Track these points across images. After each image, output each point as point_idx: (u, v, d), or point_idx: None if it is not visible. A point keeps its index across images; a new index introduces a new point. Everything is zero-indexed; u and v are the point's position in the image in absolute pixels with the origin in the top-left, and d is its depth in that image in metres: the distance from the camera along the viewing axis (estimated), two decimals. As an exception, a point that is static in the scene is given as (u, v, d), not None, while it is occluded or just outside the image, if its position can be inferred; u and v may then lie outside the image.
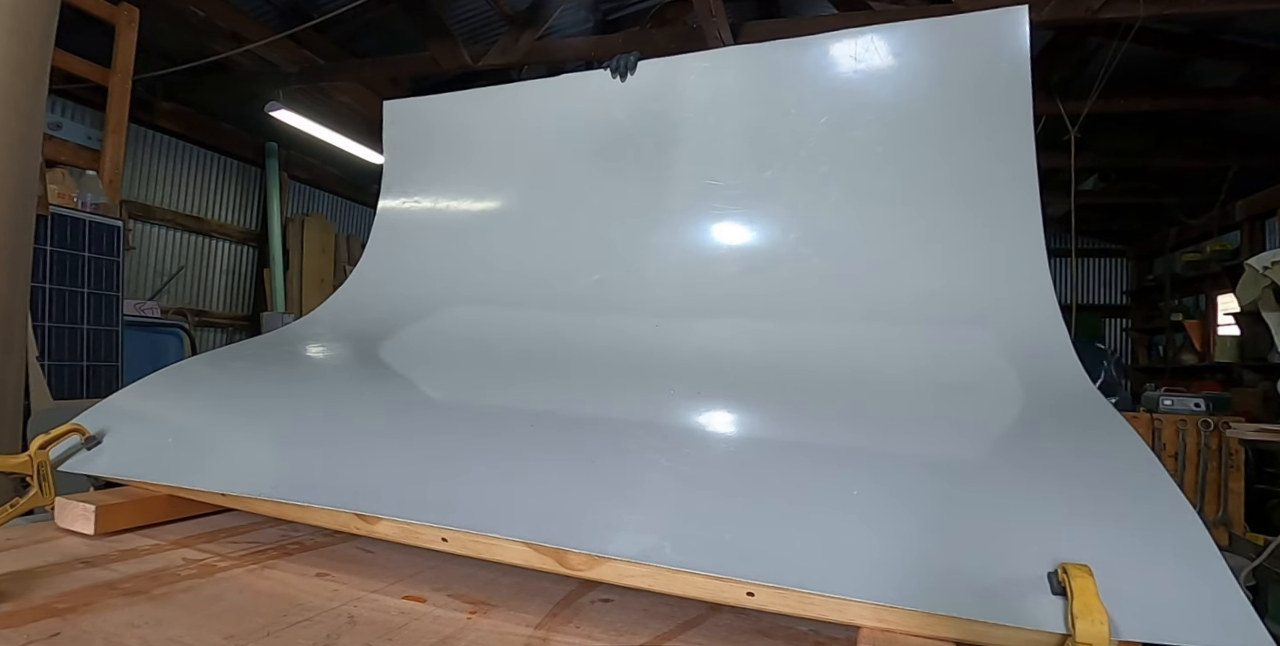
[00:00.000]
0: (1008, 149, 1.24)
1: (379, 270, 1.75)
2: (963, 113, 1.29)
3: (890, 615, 0.68)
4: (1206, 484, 4.04)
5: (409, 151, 1.83)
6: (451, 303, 1.57)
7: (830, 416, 1.02)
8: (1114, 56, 3.88)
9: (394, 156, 1.84)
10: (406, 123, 1.84)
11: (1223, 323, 7.15)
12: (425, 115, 1.83)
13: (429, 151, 1.80)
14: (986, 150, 1.27)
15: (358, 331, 1.56)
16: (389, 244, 1.78)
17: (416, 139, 1.82)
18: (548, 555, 0.80)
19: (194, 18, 4.26)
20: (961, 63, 1.30)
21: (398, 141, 1.84)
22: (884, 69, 1.35)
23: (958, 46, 1.31)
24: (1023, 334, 1.14)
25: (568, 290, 1.49)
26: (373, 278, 1.74)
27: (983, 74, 1.28)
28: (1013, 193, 1.23)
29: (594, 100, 1.59)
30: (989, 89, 1.27)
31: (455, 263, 1.67)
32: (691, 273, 1.43)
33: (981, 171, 1.27)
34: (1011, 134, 1.25)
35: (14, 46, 1.51)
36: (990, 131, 1.27)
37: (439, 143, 1.79)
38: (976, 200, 1.26)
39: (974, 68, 1.29)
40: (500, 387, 1.22)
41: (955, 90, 1.30)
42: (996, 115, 1.27)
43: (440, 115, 1.80)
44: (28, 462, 0.98)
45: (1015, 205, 1.23)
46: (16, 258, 1.58)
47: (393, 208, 1.80)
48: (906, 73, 1.33)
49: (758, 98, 1.45)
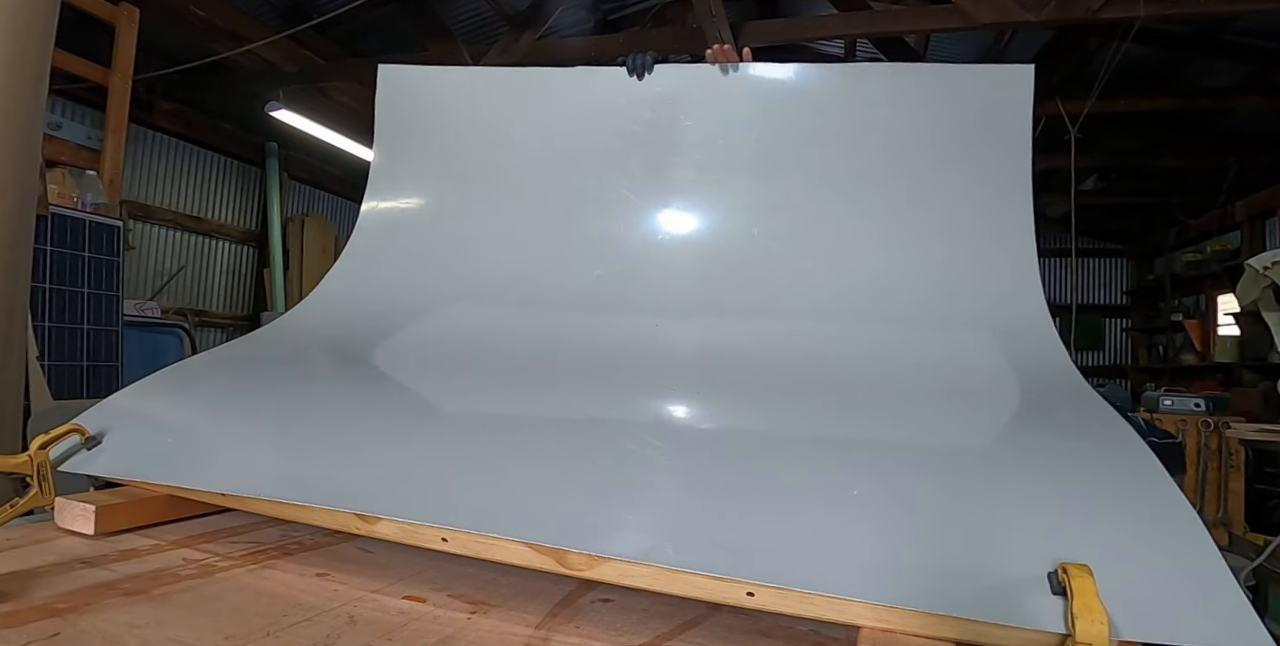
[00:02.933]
0: (1006, 193, 1.34)
1: (372, 256, 1.65)
2: (968, 151, 1.39)
3: (890, 615, 0.68)
4: (1206, 484, 4.04)
5: (403, 124, 1.73)
6: (451, 299, 1.56)
7: (830, 416, 1.02)
8: (1114, 56, 3.88)
9: (386, 125, 1.74)
10: (402, 92, 1.75)
11: (1223, 322, 7.14)
12: (423, 87, 1.74)
13: (424, 127, 1.71)
14: (987, 195, 1.36)
15: (357, 330, 1.56)
16: (380, 232, 1.68)
17: (411, 111, 1.73)
18: (548, 555, 0.80)
19: (194, 18, 4.26)
20: (970, 105, 1.41)
21: (391, 110, 1.75)
22: (898, 101, 1.43)
23: (969, 90, 1.43)
24: (1018, 336, 1.15)
25: (568, 289, 1.48)
26: (366, 263, 1.64)
27: (988, 120, 1.39)
28: (1009, 225, 1.32)
29: (602, 96, 1.57)
30: (992, 133, 1.38)
31: (453, 253, 1.61)
32: (692, 273, 1.43)
33: (979, 211, 1.35)
34: (1010, 178, 1.34)
35: (14, 46, 1.51)
36: (991, 173, 1.36)
37: (436, 119, 1.71)
38: (972, 228, 1.35)
39: (980, 112, 1.40)
40: (500, 387, 1.22)
41: (962, 128, 1.40)
42: (998, 156, 1.36)
43: (440, 89, 1.73)
44: (28, 462, 0.98)
45: (1011, 228, 1.31)
46: (16, 258, 1.57)
47: (377, 208, 1.71)
48: (920, 107, 1.43)
49: (768, 113, 1.49)
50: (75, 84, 3.63)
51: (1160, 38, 4.66)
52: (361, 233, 1.68)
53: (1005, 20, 3.76)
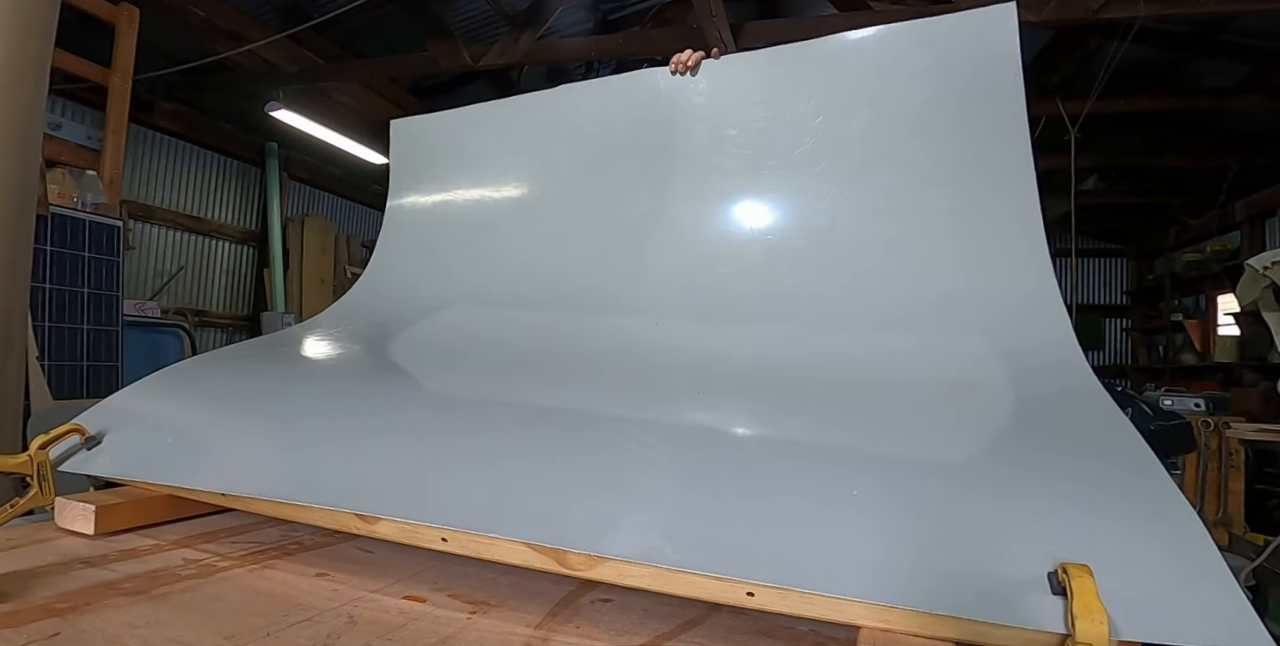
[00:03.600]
0: (1002, 140, 1.24)
1: (384, 274, 1.79)
2: (958, 107, 1.30)
3: (890, 615, 0.68)
4: (1206, 484, 4.04)
5: (415, 167, 1.89)
6: (451, 303, 1.57)
7: (831, 417, 1.02)
8: (1114, 56, 3.88)
9: (400, 170, 1.91)
10: (413, 140, 1.91)
11: (1223, 323, 7.14)
12: (431, 135, 1.88)
13: (434, 167, 1.86)
14: (981, 141, 1.27)
15: (359, 332, 1.57)
16: (395, 250, 1.84)
17: (422, 157, 1.88)
18: (548, 555, 0.80)
19: (194, 18, 4.25)
20: (954, 59, 1.31)
21: (403, 158, 1.91)
22: (879, 67, 1.36)
23: (950, 44, 1.31)
24: (1022, 331, 1.14)
25: (567, 292, 1.49)
26: (377, 283, 1.78)
27: (975, 69, 1.29)
28: (1009, 185, 1.23)
29: (581, 110, 1.63)
30: (981, 83, 1.28)
31: (457, 262, 1.68)
32: (693, 273, 1.43)
33: (977, 163, 1.27)
34: (1006, 126, 1.25)
35: (14, 46, 1.51)
36: (985, 124, 1.27)
37: (446, 160, 1.85)
38: (973, 195, 1.26)
39: (966, 63, 1.30)
40: (500, 387, 1.22)
41: (948, 85, 1.30)
42: (990, 109, 1.27)
43: (445, 135, 1.86)
44: (28, 462, 0.98)
45: (1012, 198, 1.23)
46: (16, 258, 1.57)
47: (402, 206, 1.87)
48: (902, 71, 1.34)
49: (755, 99, 1.46)
50: (75, 84, 3.63)
51: (1160, 38, 4.66)
52: (381, 251, 1.86)
53: (1005, 20, 3.75)
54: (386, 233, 1.86)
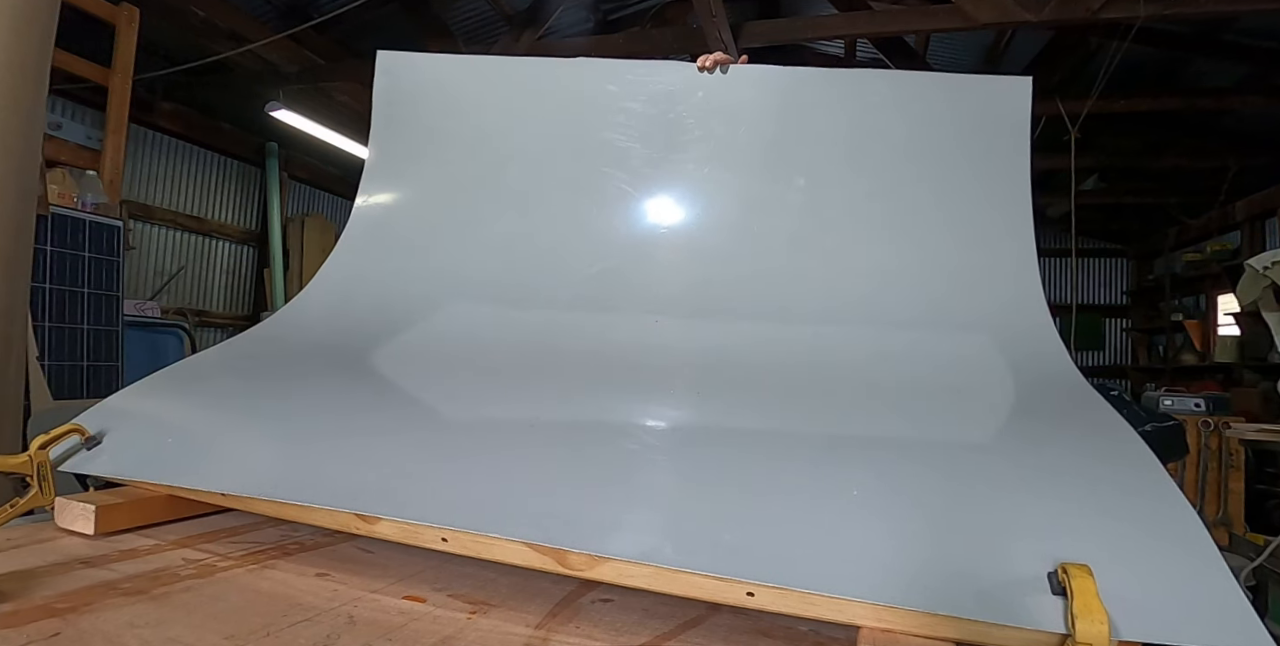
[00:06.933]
0: (1006, 196, 1.36)
1: (367, 251, 1.64)
2: (967, 152, 1.41)
3: (890, 615, 0.68)
4: (1206, 484, 4.04)
5: (401, 112, 1.71)
6: (450, 296, 1.54)
7: (831, 417, 1.02)
8: (1114, 57, 3.88)
9: (384, 113, 1.73)
10: (401, 79, 1.73)
11: (1223, 323, 7.14)
12: (424, 74, 1.73)
13: (423, 115, 1.69)
14: (985, 184, 1.39)
15: (355, 326, 1.55)
16: (374, 227, 1.68)
17: (410, 99, 1.71)
18: (548, 555, 0.80)
19: (194, 18, 4.25)
20: (972, 113, 1.43)
21: (389, 98, 1.73)
22: (899, 104, 1.45)
23: (970, 101, 1.45)
24: (1017, 336, 1.16)
25: (567, 288, 1.48)
26: (361, 258, 1.64)
27: (987, 126, 1.42)
28: (1008, 224, 1.34)
29: (602, 89, 1.55)
30: (992, 138, 1.41)
31: (450, 251, 1.58)
32: (693, 274, 1.43)
33: (979, 209, 1.38)
34: (1010, 183, 1.36)
35: (14, 46, 1.51)
36: (991, 173, 1.39)
37: (435, 108, 1.69)
38: (971, 228, 1.37)
39: (982, 119, 1.42)
40: (500, 387, 1.22)
41: (962, 133, 1.42)
42: (997, 162, 1.39)
43: (441, 77, 1.72)
44: (28, 462, 0.98)
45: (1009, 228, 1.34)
46: (16, 258, 1.57)
47: (371, 201, 1.70)
48: (920, 110, 1.45)
49: (773, 111, 1.50)
50: (75, 84, 3.63)
51: (1160, 38, 4.66)
52: (357, 224, 1.66)
53: (1005, 20, 3.77)
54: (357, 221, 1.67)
